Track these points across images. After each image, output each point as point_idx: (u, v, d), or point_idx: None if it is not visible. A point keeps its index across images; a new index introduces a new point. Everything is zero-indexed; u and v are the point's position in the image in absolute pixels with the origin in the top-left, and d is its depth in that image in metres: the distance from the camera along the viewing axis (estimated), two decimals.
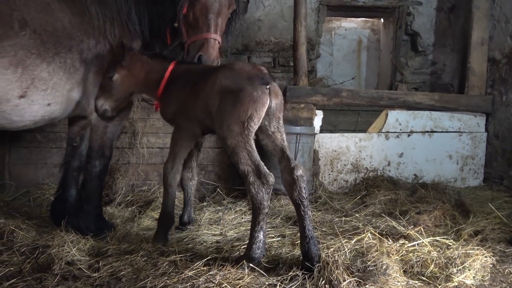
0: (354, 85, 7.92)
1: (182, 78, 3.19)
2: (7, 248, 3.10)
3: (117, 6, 3.38)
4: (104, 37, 3.38)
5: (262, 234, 2.73)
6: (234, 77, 2.87)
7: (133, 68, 3.24)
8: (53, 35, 3.11)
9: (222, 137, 2.83)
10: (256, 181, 2.68)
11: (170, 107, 3.20)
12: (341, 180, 5.14)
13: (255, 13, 6.75)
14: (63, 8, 3.21)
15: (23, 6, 3.00)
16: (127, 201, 4.34)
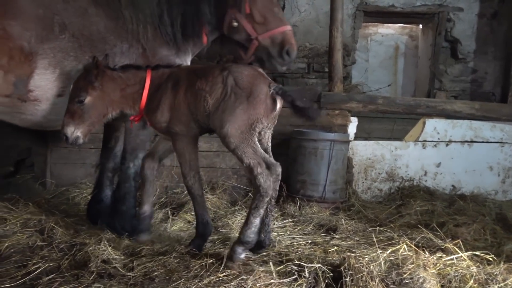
0: (390, 92, 7.78)
1: (168, 82, 3.05)
2: (47, 244, 3.21)
3: (150, 10, 3.43)
4: (137, 40, 3.43)
5: (258, 220, 2.85)
6: (246, 80, 2.88)
7: (105, 87, 2.98)
8: (89, 39, 3.20)
9: (223, 135, 2.83)
10: (264, 171, 2.80)
11: (162, 115, 3.01)
12: (375, 189, 5.03)
13: (290, 18, 6.76)
14: (99, 12, 3.29)
15: (63, 10, 3.10)
16: (161, 203, 4.40)
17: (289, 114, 4.80)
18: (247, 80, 2.89)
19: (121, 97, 3.04)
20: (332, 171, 4.30)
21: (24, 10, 2.83)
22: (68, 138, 2.94)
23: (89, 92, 2.91)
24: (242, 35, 3.47)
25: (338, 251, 3.09)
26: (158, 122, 3.03)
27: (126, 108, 3.11)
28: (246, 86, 2.86)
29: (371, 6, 6.82)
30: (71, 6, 3.14)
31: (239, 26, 3.42)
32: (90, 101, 2.92)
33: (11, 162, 4.78)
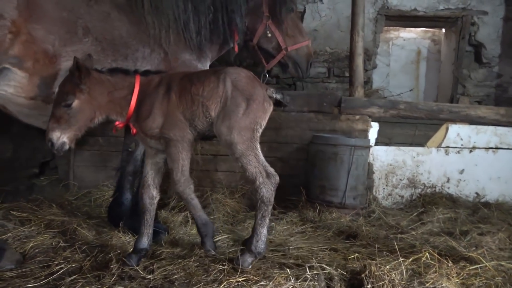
0: (411, 97, 7.67)
1: (159, 88, 2.95)
2: (69, 245, 3.27)
3: (174, 15, 3.50)
4: (159, 45, 3.48)
5: (265, 229, 2.92)
6: (244, 82, 2.88)
7: (93, 91, 2.82)
8: (111, 43, 3.24)
9: (230, 142, 2.82)
10: (265, 181, 2.85)
11: (154, 121, 2.90)
12: (396, 195, 4.96)
13: (310, 23, 6.75)
14: (122, 17, 3.33)
15: (87, 14, 3.15)
16: (181, 206, 4.42)
17: (308, 119, 4.86)
18: (246, 82, 2.89)
19: (108, 101, 2.90)
20: (352, 177, 4.26)
21: (48, 13, 2.87)
22: (54, 144, 2.77)
23: (76, 95, 2.75)
24: (272, 44, 3.94)
25: (358, 258, 3.05)
26: (150, 128, 2.91)
27: (113, 113, 2.96)
28: (245, 88, 2.86)
29: (392, 10, 6.75)
30: (94, 10, 3.18)
31: (271, 37, 3.89)
32: (77, 105, 2.77)
33: (36, 164, 4.90)
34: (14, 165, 4.51)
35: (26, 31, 2.73)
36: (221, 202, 4.41)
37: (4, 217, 3.82)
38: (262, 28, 3.88)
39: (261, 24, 3.87)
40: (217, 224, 3.91)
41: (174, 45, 3.53)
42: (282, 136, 4.93)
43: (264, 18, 3.85)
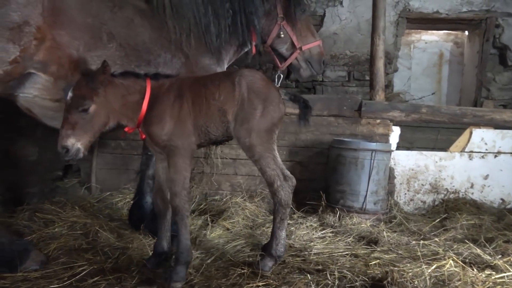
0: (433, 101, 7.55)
1: (170, 93, 2.85)
2: (91, 247, 3.32)
3: (195, 19, 3.54)
4: (180, 50, 3.50)
5: (284, 232, 2.91)
6: (260, 84, 2.87)
7: (108, 94, 2.72)
8: (134, 49, 3.26)
9: (249, 145, 2.81)
10: (283, 184, 2.85)
11: (164, 128, 2.78)
12: (418, 201, 4.87)
13: (330, 27, 6.73)
14: (144, 23, 3.36)
15: (111, 20, 3.17)
16: (200, 209, 4.45)
17: (328, 123, 4.83)
18: (261, 84, 2.89)
19: (121, 106, 2.79)
20: (373, 182, 4.20)
21: (73, 19, 2.90)
22: (69, 151, 2.61)
23: (94, 99, 2.64)
24: (286, 45, 4.02)
25: (380, 265, 3.01)
26: (159, 135, 2.79)
27: (124, 118, 2.85)
28: (261, 90, 2.85)
29: (414, 13, 6.66)
30: (118, 17, 3.20)
31: (285, 37, 3.97)
32: (94, 110, 2.65)
33: (60, 167, 4.99)
34: (39, 167, 4.61)
35: (51, 37, 2.77)
36: (241, 206, 4.41)
37: (30, 218, 3.91)
38: (277, 29, 3.95)
39: (275, 25, 3.94)
40: (237, 228, 3.91)
41: (195, 49, 3.57)
42: (301, 140, 4.91)
43: (279, 19, 3.92)
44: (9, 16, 2.52)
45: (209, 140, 2.93)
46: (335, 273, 2.83)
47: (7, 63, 2.57)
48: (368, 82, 5.75)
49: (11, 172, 4.25)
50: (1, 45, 2.52)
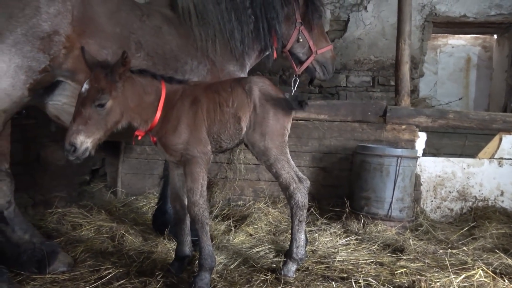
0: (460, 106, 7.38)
1: (184, 99, 2.78)
2: (117, 250, 3.38)
3: (219, 26, 3.61)
4: (206, 57, 3.55)
5: (303, 235, 2.92)
6: (270, 89, 2.90)
7: (126, 90, 2.56)
8: (162, 58, 3.28)
9: (264, 149, 2.82)
10: (298, 187, 2.86)
11: (180, 137, 2.71)
12: (445, 208, 4.76)
13: (354, 31, 6.68)
14: (172, 31, 3.39)
15: (139, 29, 3.19)
16: (223, 215, 4.47)
17: (352, 129, 4.78)
18: (271, 88, 2.92)
19: (137, 105, 2.65)
20: (398, 188, 4.13)
21: (102, 29, 2.93)
22: (77, 150, 2.39)
23: (112, 94, 2.45)
24: (304, 49, 4.17)
25: (406, 273, 2.95)
26: (174, 144, 2.71)
27: (138, 119, 2.70)
28: (272, 95, 2.88)
29: (441, 17, 6.54)
30: (146, 25, 3.23)
31: (303, 42, 4.11)
32: (110, 106, 2.47)
33: (87, 171, 5.11)
34: (67, 172, 4.73)
35: (79, 46, 2.81)
36: (264, 212, 4.40)
37: (58, 221, 4.01)
38: (296, 33, 4.07)
39: (294, 30, 4.06)
40: (260, 233, 3.90)
41: (221, 55, 3.62)
42: (325, 146, 4.88)
43: (297, 24, 4.05)
44: (40, 26, 2.57)
45: (219, 149, 2.91)
46: (360, 281, 2.78)
47: (37, 72, 2.62)
48: (393, 87, 5.69)
49: (41, 176, 4.38)
50: (32, 55, 2.57)
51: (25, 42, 2.54)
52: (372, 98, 6.54)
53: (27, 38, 2.54)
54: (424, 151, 4.86)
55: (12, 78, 2.53)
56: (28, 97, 2.66)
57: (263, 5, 3.82)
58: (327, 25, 6.74)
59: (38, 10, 2.57)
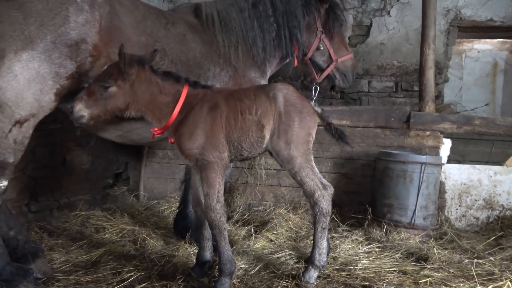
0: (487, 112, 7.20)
1: (203, 105, 2.80)
2: (139, 253, 3.42)
3: (242, 33, 3.64)
4: (229, 63, 3.57)
5: (325, 242, 2.92)
6: (295, 95, 2.89)
7: (136, 86, 2.70)
8: (186, 65, 3.31)
9: (289, 157, 2.80)
10: (323, 194, 2.85)
11: (195, 141, 2.73)
12: (471, 217, 4.63)
13: (377, 36, 6.61)
14: (196, 38, 3.43)
15: (164, 37, 3.23)
16: (244, 220, 4.47)
17: (375, 135, 4.72)
18: (296, 96, 2.90)
19: (148, 102, 2.77)
20: (422, 196, 4.05)
21: (128, 38, 2.98)
22: (73, 113, 2.64)
23: (117, 83, 2.64)
24: (324, 57, 4.24)
25: (430, 283, 2.88)
26: (189, 148, 2.74)
27: (150, 115, 2.82)
28: (297, 102, 2.87)
29: (466, 21, 6.41)
30: (171, 33, 3.27)
31: (324, 50, 4.18)
32: (113, 91, 2.65)
33: (110, 175, 5.20)
34: (91, 175, 4.82)
35: (106, 54, 2.87)
36: (284, 218, 4.38)
37: (82, 224, 4.09)
38: (317, 42, 4.14)
39: (315, 39, 4.12)
40: (280, 239, 3.88)
41: (243, 62, 3.65)
42: (347, 152, 4.83)
43: (318, 33, 4.10)
44: (68, 34, 2.65)
45: (240, 157, 2.90)
46: None
47: (64, 78, 2.70)
48: (417, 92, 5.59)
49: (66, 179, 4.48)
50: (60, 61, 2.65)
51: (54, 49, 2.61)
52: (395, 104, 6.44)
53: (56, 46, 2.62)
54: (449, 158, 4.76)
55: (40, 83, 2.61)
56: (55, 102, 2.74)
57: (285, 13, 3.86)
58: (349, 30, 6.69)
59: (67, 19, 2.64)
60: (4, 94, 2.50)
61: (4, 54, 2.47)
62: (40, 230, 3.79)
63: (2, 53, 2.47)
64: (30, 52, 2.53)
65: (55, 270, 3.04)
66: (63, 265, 3.14)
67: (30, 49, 2.54)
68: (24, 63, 2.52)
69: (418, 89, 5.23)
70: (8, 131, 2.56)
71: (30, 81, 2.56)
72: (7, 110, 2.53)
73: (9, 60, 2.49)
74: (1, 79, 2.48)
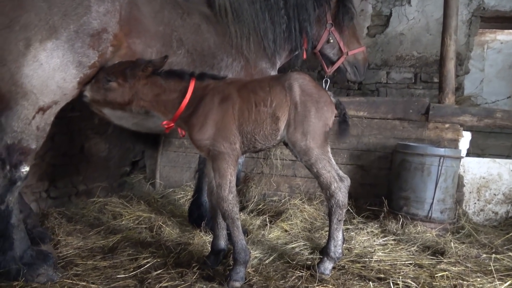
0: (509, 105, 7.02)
1: (214, 96, 2.79)
2: (155, 241, 3.46)
3: (254, 25, 3.66)
4: (241, 53, 3.60)
5: (341, 234, 2.90)
6: (311, 85, 2.84)
7: (138, 87, 2.78)
8: (201, 55, 3.34)
9: (306, 148, 2.76)
10: (339, 186, 2.82)
11: (205, 132, 2.74)
12: (489, 211, 4.56)
13: (397, 26, 6.49)
14: (210, 29, 3.44)
15: (181, 27, 3.25)
16: (259, 210, 4.48)
17: (392, 127, 4.66)
18: (313, 85, 2.85)
19: (151, 101, 2.83)
20: (440, 189, 3.99)
21: (147, 28, 3.01)
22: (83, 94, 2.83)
23: (118, 81, 2.73)
24: (334, 50, 4.29)
25: (447, 277, 2.85)
26: (200, 139, 2.76)
27: (156, 111, 2.90)
28: (314, 92, 2.82)
29: (489, 11, 6.24)
30: (187, 23, 3.29)
31: (334, 43, 4.24)
32: (113, 87, 2.74)
33: (127, 163, 5.26)
34: (109, 163, 4.88)
35: (126, 45, 2.91)
36: (299, 208, 4.38)
37: (100, 211, 4.16)
38: (326, 34, 4.19)
39: (325, 31, 4.17)
40: (295, 230, 3.89)
41: (254, 53, 3.68)
42: (364, 144, 4.78)
43: (328, 26, 4.16)
44: (90, 23, 2.69)
45: (253, 149, 2.88)
46: (398, 282, 2.72)
47: (87, 67, 2.74)
48: (436, 84, 5.50)
49: (84, 166, 4.55)
50: (83, 50, 2.69)
51: (77, 38, 2.65)
52: (414, 96, 6.34)
53: (79, 35, 2.65)
54: (468, 151, 4.67)
55: (64, 72, 2.65)
56: (77, 89, 2.78)
57: (296, 6, 3.90)
58: (368, 20, 6.59)
59: (89, 8, 2.67)
60: (30, 82, 2.55)
61: (30, 43, 2.51)
62: (59, 215, 3.86)
63: (28, 42, 2.51)
64: (54, 41, 2.57)
65: (73, 254, 3.11)
66: (81, 250, 3.20)
67: (54, 38, 2.57)
68: (49, 52, 2.57)
69: (437, 80, 5.14)
70: (32, 118, 2.62)
71: (54, 69, 2.61)
72: (32, 98, 2.58)
73: (35, 49, 2.53)
74: (28, 68, 2.53)
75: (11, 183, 2.62)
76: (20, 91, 2.55)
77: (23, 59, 2.51)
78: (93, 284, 2.60)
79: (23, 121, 2.59)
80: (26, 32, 2.50)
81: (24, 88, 2.55)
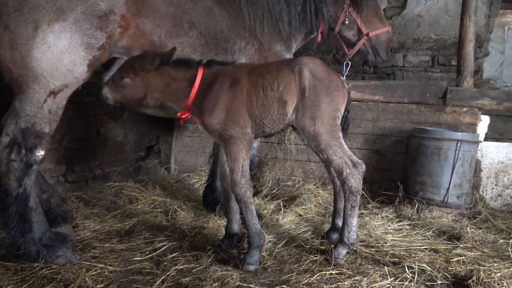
0: None
1: (223, 81, 2.80)
2: (170, 224, 3.51)
3: (268, 6, 3.58)
4: (254, 37, 3.54)
5: (355, 219, 2.84)
6: (322, 70, 2.77)
7: (149, 79, 2.82)
8: (214, 38, 3.32)
9: (315, 133, 2.71)
10: (352, 172, 2.75)
11: (216, 117, 2.75)
12: (507, 197, 4.48)
13: (414, 8, 6.35)
14: (222, 12, 3.41)
15: (192, 10, 3.23)
16: (273, 194, 4.49)
17: (409, 111, 4.59)
18: (324, 70, 2.79)
19: (162, 91, 2.87)
20: (456, 174, 3.93)
21: (156, 8, 3.01)
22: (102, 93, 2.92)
23: (130, 76, 2.80)
24: (353, 31, 4.13)
25: (463, 262, 2.83)
26: (211, 124, 2.78)
27: (169, 102, 2.96)
28: (324, 76, 2.76)
29: None
30: (198, 6, 3.27)
31: (351, 24, 4.08)
32: (128, 83, 2.81)
33: (143, 147, 5.31)
34: (125, 148, 4.94)
35: (134, 25, 2.91)
36: (313, 193, 4.37)
37: (116, 195, 4.22)
38: (343, 15, 4.04)
39: (342, 12, 4.03)
40: (309, 214, 3.89)
41: (268, 35, 3.62)
42: (379, 128, 4.73)
43: (345, 6, 4.01)
44: (98, 5, 2.70)
45: (262, 133, 2.87)
46: (413, 266, 2.71)
47: (96, 49, 2.76)
48: (454, 67, 5.39)
49: (101, 151, 4.61)
50: (91, 32, 2.70)
51: (85, 20, 2.66)
52: (431, 79, 6.22)
53: (86, 17, 2.66)
54: (486, 136, 4.58)
55: (73, 54, 2.67)
56: (87, 72, 2.80)
57: None
58: (384, 1, 6.44)
59: None
60: (39, 64, 2.58)
61: (38, 25, 2.53)
62: (76, 199, 3.93)
63: (36, 24, 2.53)
64: (61, 23, 2.59)
65: (91, 237, 3.17)
66: (98, 233, 3.27)
67: (62, 20, 2.58)
68: (56, 34, 2.58)
69: (456, 63, 5.03)
70: (43, 102, 2.65)
71: (63, 52, 2.63)
72: (42, 81, 2.61)
73: (43, 31, 2.55)
74: (37, 50, 2.55)
75: (27, 166, 2.67)
76: (31, 74, 2.58)
77: (32, 42, 2.54)
78: (111, 266, 2.65)
79: (35, 104, 2.63)
80: (35, 14, 2.52)
81: (34, 71, 2.58)
